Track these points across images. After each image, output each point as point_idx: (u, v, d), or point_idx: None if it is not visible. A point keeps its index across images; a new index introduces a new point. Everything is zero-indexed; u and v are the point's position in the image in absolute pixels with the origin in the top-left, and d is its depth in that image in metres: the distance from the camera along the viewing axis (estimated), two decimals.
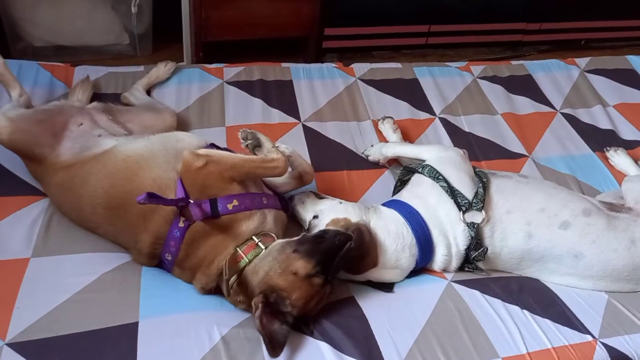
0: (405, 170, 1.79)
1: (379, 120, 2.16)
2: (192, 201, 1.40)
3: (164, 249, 1.45)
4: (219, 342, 1.31)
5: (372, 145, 2.02)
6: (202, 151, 1.48)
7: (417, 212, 1.58)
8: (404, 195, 1.67)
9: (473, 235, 1.55)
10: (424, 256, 1.55)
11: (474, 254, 1.55)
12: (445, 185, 1.61)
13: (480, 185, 1.62)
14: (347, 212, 1.57)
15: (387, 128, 2.11)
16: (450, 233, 1.57)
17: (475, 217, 1.57)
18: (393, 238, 1.52)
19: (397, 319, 1.42)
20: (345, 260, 1.40)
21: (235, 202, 1.43)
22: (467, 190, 1.61)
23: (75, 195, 1.55)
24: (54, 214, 1.61)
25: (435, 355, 1.35)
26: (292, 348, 1.31)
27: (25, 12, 2.85)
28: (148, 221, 1.45)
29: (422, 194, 1.63)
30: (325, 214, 1.58)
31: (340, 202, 1.62)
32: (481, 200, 1.58)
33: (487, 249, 1.55)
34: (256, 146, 1.55)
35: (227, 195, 1.43)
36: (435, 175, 1.64)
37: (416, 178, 1.71)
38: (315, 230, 1.56)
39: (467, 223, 1.56)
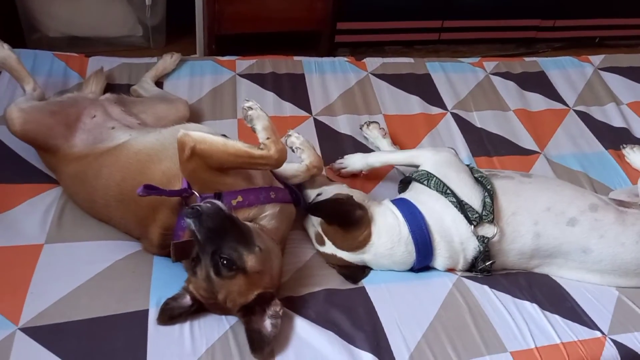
0: (404, 184, 1.74)
1: (363, 125, 2.05)
2: (196, 193, 1.40)
3: (173, 238, 1.45)
4: (227, 330, 1.33)
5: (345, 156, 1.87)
6: (192, 135, 1.40)
7: (421, 215, 1.53)
8: (411, 196, 1.62)
9: (482, 249, 1.51)
10: (422, 259, 1.53)
11: (481, 265, 1.53)
12: (454, 200, 1.54)
13: (487, 194, 1.56)
14: (352, 192, 1.60)
15: (374, 134, 2.00)
16: (456, 240, 1.53)
17: (487, 230, 1.52)
18: (388, 229, 1.52)
19: (406, 312, 1.43)
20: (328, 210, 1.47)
21: (239, 198, 1.42)
22: (471, 193, 1.56)
23: (89, 187, 1.57)
24: (68, 201, 1.63)
25: (444, 349, 1.35)
26: (300, 337, 1.32)
27: (41, 4, 2.89)
28: (157, 212, 1.46)
29: (427, 200, 1.57)
30: (328, 191, 1.60)
31: (347, 187, 1.65)
32: (491, 212, 1.52)
33: (494, 262, 1.53)
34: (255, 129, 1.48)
35: (233, 191, 1.43)
36: (444, 190, 1.56)
37: (421, 187, 1.62)
38: None
39: (478, 237, 1.52)
